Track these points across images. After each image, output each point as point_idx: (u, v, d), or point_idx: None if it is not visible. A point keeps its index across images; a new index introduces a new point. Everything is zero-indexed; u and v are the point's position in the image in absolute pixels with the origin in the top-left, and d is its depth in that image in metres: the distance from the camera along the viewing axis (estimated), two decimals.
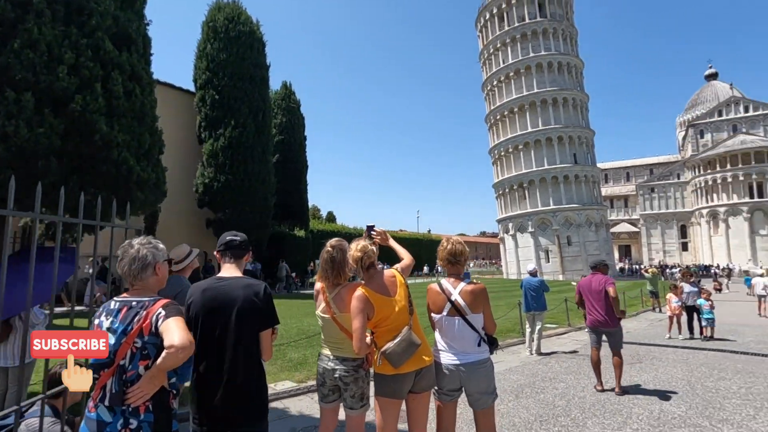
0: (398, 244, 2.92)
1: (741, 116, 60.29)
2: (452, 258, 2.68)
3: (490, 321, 2.61)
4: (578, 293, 5.50)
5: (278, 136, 24.98)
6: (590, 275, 5.44)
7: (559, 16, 45.72)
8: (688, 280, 9.73)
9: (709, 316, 8.81)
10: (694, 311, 9.15)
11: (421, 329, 2.56)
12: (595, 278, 5.32)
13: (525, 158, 44.43)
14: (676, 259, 61.71)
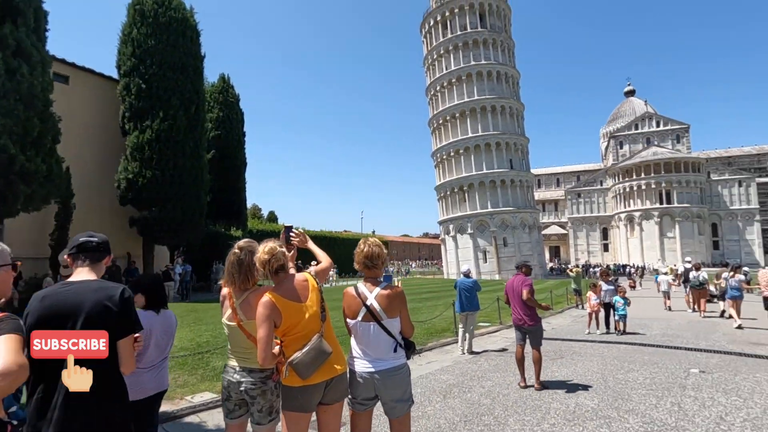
0: (317, 247, 2.75)
1: (653, 130, 67.12)
2: (368, 261, 2.55)
3: (407, 325, 2.52)
4: (506, 293, 5.70)
5: (214, 131, 23.71)
6: (514, 276, 5.64)
7: (498, 27, 47.97)
8: (606, 279, 10.36)
9: (622, 312, 9.50)
10: (611, 308, 9.88)
11: (335, 336, 2.42)
12: (516, 279, 5.56)
13: (465, 162, 46.05)
14: (599, 259, 67.25)
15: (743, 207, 61.77)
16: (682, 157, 60.78)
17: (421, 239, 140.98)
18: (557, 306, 14.71)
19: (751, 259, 58.67)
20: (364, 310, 2.44)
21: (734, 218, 62.07)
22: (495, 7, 47.80)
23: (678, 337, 9.03)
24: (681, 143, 65.41)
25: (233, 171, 24.31)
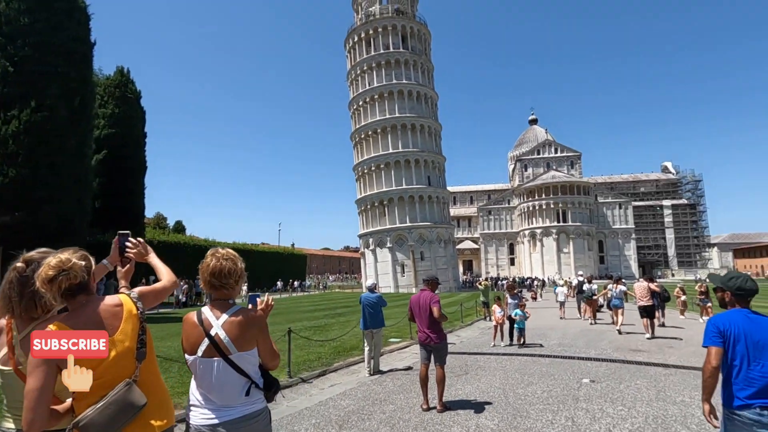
0: (160, 261, 2.12)
1: (552, 156, 74.75)
2: (215, 280, 1.96)
3: (268, 356, 2.00)
4: (410, 309, 5.40)
5: (108, 128, 21.01)
6: (420, 291, 5.39)
7: (419, 50, 50.07)
8: (512, 293, 10.61)
9: (520, 326, 9.87)
10: (513, 320, 10.24)
11: (163, 383, 1.82)
12: (423, 295, 5.29)
13: (386, 177, 46.76)
14: (507, 272, 72.32)
15: (623, 227, 71.09)
16: (575, 181, 68.36)
17: (342, 252, 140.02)
18: (467, 318, 15.10)
19: (629, 272, 67.45)
20: (206, 343, 1.87)
21: (616, 236, 71.08)
22: (416, 30, 49.91)
23: (572, 346, 9.60)
24: (574, 168, 73.66)
25: (130, 174, 21.67)
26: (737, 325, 2.45)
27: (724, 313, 2.59)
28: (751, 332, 2.41)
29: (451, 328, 12.91)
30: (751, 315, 2.50)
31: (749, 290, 2.55)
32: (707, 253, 78.92)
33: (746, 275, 2.65)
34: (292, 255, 50.66)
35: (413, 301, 5.33)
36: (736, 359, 2.41)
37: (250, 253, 40.90)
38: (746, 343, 2.40)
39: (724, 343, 2.44)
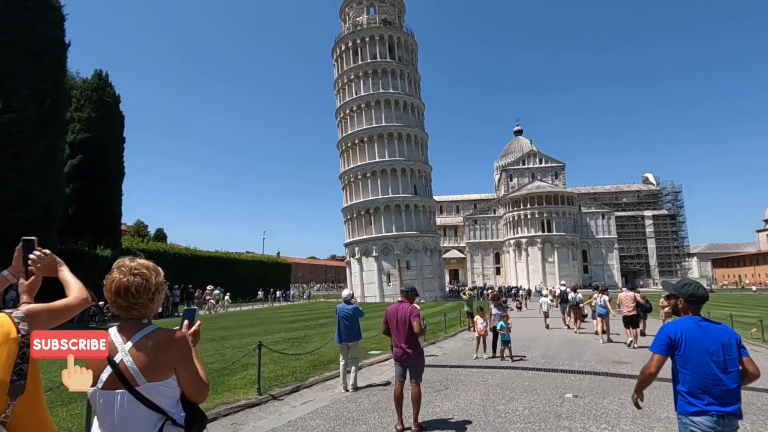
0: (72, 275, 1.78)
1: (537, 166, 75.70)
2: (122, 300, 1.63)
3: (192, 387, 1.67)
4: (385, 322, 5.07)
5: (84, 133, 20.36)
6: (398, 302, 5.08)
7: (406, 60, 50.38)
8: (497, 304, 10.08)
9: (505, 339, 9.31)
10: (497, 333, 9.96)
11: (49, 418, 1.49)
12: (402, 307, 4.96)
13: (372, 186, 46.57)
14: (492, 281, 72.51)
15: (606, 236, 72.11)
16: (559, 191, 69.23)
17: (328, 261, 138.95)
18: (450, 329, 14.81)
19: (612, 281, 68.27)
20: (108, 371, 1.54)
21: (599, 246, 72.02)
22: (403, 41, 50.26)
23: (555, 358, 9.39)
24: (558, 179, 74.66)
25: (106, 180, 20.99)
26: (689, 333, 2.49)
27: (676, 321, 2.62)
28: (703, 340, 2.46)
29: (433, 339, 12.62)
30: (702, 323, 2.53)
31: (701, 297, 2.59)
32: (687, 262, 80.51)
33: (698, 283, 2.70)
34: (277, 264, 49.85)
35: (390, 313, 5.01)
36: (688, 366, 2.46)
37: (232, 262, 40.11)
38: (698, 350, 2.45)
39: (672, 351, 2.51)
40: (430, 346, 11.52)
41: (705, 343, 2.44)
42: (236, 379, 6.78)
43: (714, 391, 2.38)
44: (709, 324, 2.54)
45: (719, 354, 2.42)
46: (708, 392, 2.39)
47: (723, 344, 2.45)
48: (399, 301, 5.08)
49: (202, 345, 10.41)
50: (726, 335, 2.49)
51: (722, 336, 2.48)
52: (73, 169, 19.86)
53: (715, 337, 2.46)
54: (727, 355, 2.43)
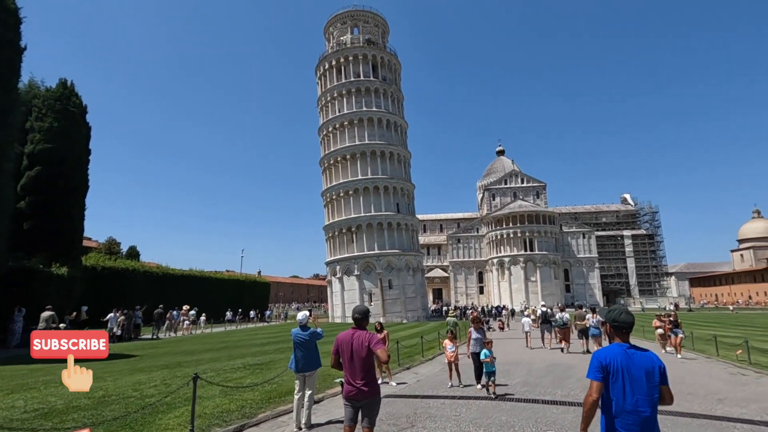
0: None
1: (519, 186, 76.49)
2: None
3: None
4: (335, 353, 4.20)
5: (43, 143, 19.28)
6: (352, 329, 4.22)
7: (390, 79, 50.71)
8: (477, 326, 9.05)
9: (489, 369, 8.04)
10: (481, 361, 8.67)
11: None
12: (358, 335, 4.07)
13: (354, 203, 45.98)
14: (476, 300, 71.94)
15: (587, 255, 72.67)
16: (541, 211, 69.82)
17: (311, 281, 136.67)
18: (428, 352, 14.02)
19: (593, 300, 68.45)
20: None
21: (581, 265, 72.45)
22: (387, 60, 50.69)
23: (537, 386, 8.71)
24: (540, 198, 75.48)
25: (67, 194, 19.80)
26: (616, 360, 2.57)
27: (605, 348, 2.70)
28: (628, 367, 2.55)
29: (409, 363, 11.82)
30: (629, 350, 2.62)
31: (622, 323, 2.67)
32: (665, 281, 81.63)
33: (622, 308, 2.79)
34: (255, 283, 48.28)
35: (342, 342, 4.15)
36: (614, 393, 2.54)
37: (206, 281, 38.61)
38: (623, 377, 2.53)
39: (604, 378, 2.56)
40: (403, 372, 10.72)
41: (630, 370, 2.53)
42: (171, 418, 5.87)
43: (633, 419, 2.49)
44: (636, 351, 2.63)
45: (642, 381, 2.52)
46: (630, 419, 2.49)
47: (647, 372, 2.54)
48: (353, 328, 4.20)
49: (150, 373, 9.40)
50: (650, 363, 2.58)
51: (646, 363, 2.57)
52: (31, 181, 18.69)
53: (640, 364, 2.56)
54: (650, 383, 2.53)
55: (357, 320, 4.19)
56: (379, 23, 52.91)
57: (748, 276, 73.89)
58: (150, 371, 9.75)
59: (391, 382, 9.21)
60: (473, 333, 8.98)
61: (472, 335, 8.96)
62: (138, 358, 12.13)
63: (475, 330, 9.00)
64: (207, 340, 20.19)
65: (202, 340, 20.38)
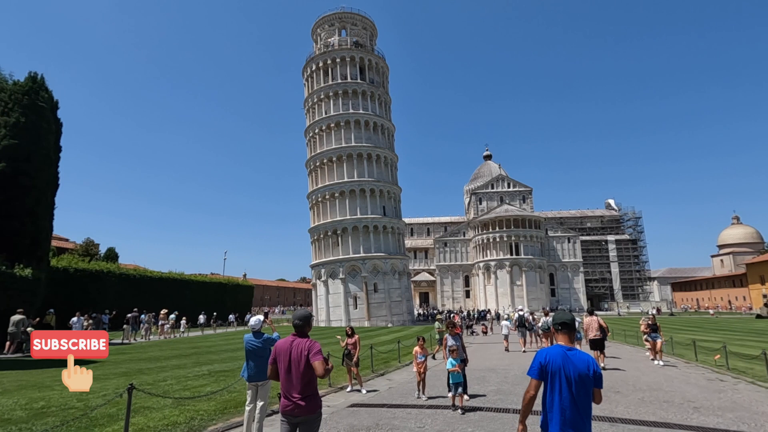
0: None
1: (505, 190, 76.86)
2: None
3: None
4: (272, 362, 3.74)
5: (8, 139, 18.43)
6: (292, 337, 3.75)
7: (377, 82, 50.52)
8: (453, 332, 8.18)
9: (455, 380, 7.16)
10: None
11: None
12: (297, 344, 3.63)
13: (340, 206, 45.55)
14: (462, 304, 71.88)
15: (572, 260, 73.24)
16: (527, 215, 70.19)
17: (297, 284, 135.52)
18: (406, 357, 13.63)
19: (578, 305, 68.94)
20: None
21: (566, 269, 72.98)
22: (374, 63, 50.51)
23: (511, 394, 8.38)
24: (526, 203, 75.94)
25: (33, 192, 18.95)
26: (555, 361, 2.73)
27: (547, 348, 2.87)
28: (566, 367, 2.70)
29: (384, 369, 11.42)
30: (569, 352, 2.76)
31: (561, 322, 2.91)
32: (648, 286, 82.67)
33: (565, 313, 2.98)
34: (238, 286, 47.31)
35: (280, 350, 3.72)
36: (550, 391, 2.71)
37: (186, 284, 37.63)
38: (560, 377, 2.68)
39: (542, 376, 2.74)
40: (377, 378, 10.32)
41: (566, 371, 2.68)
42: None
43: (567, 417, 2.64)
44: (576, 353, 2.77)
45: (577, 383, 2.66)
46: (563, 417, 2.64)
47: (582, 374, 2.68)
48: (292, 335, 3.75)
49: (104, 382, 8.82)
50: (586, 366, 2.71)
51: (582, 366, 2.70)
52: None
53: (576, 367, 2.70)
54: (584, 385, 2.68)
55: (297, 327, 3.76)
56: (367, 26, 52.74)
57: (728, 281, 75.26)
58: (105, 379, 9.18)
59: (362, 390, 8.81)
60: (449, 339, 8.20)
61: (448, 342, 8.17)
62: (98, 365, 11.50)
63: (451, 336, 8.20)
64: (179, 345, 19.50)
65: (174, 345, 19.68)
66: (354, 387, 8.93)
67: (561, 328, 2.91)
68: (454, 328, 8.44)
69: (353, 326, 40.37)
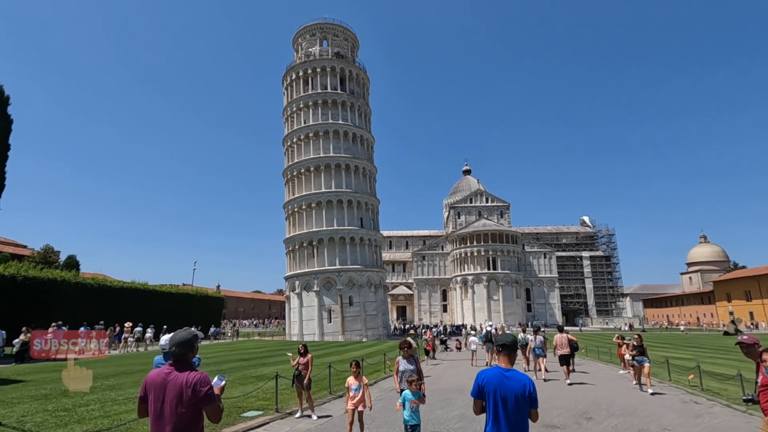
0: None
1: (483, 205, 77.37)
2: None
3: None
4: (141, 399, 2.73)
5: None
6: (167, 367, 2.74)
7: (358, 93, 50.27)
8: (406, 355, 6.39)
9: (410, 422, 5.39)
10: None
11: None
12: (173, 377, 2.64)
13: (317, 217, 44.61)
14: (440, 318, 71.26)
15: (548, 275, 73.85)
16: (504, 230, 70.62)
17: (273, 296, 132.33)
18: (371, 376, 12.80)
19: (553, 320, 69.26)
20: None
21: (542, 284, 73.47)
22: (355, 74, 50.35)
23: (474, 421, 7.67)
24: (504, 218, 76.52)
25: None
26: (490, 382, 2.92)
27: (485, 369, 3.09)
28: (500, 388, 2.87)
29: (342, 390, 10.54)
30: (507, 372, 2.93)
31: (500, 344, 3.08)
32: (621, 302, 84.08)
33: (507, 335, 3.18)
34: (207, 297, 45.36)
35: (151, 384, 2.70)
36: (488, 410, 2.93)
37: (150, 295, 35.73)
38: (494, 397, 2.87)
39: (480, 396, 2.96)
40: (334, 401, 9.46)
41: (501, 392, 2.85)
42: None
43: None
44: (513, 374, 2.91)
45: (512, 403, 2.82)
46: None
47: (517, 395, 2.83)
48: (170, 363, 2.76)
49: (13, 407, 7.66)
50: (522, 387, 2.85)
51: (518, 387, 2.85)
52: None
53: (512, 388, 2.86)
54: (519, 405, 2.83)
55: (176, 354, 2.74)
56: (348, 37, 52.69)
57: (696, 298, 77.21)
58: (17, 403, 8.01)
59: (313, 416, 7.95)
60: (401, 363, 6.34)
61: (400, 366, 6.34)
62: (20, 385, 10.24)
63: (404, 359, 6.33)
64: (130, 360, 18.03)
65: (130, 360, 18.20)
66: (304, 412, 8.05)
67: (501, 349, 3.03)
68: (409, 348, 6.43)
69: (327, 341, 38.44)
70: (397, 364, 6.46)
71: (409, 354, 6.38)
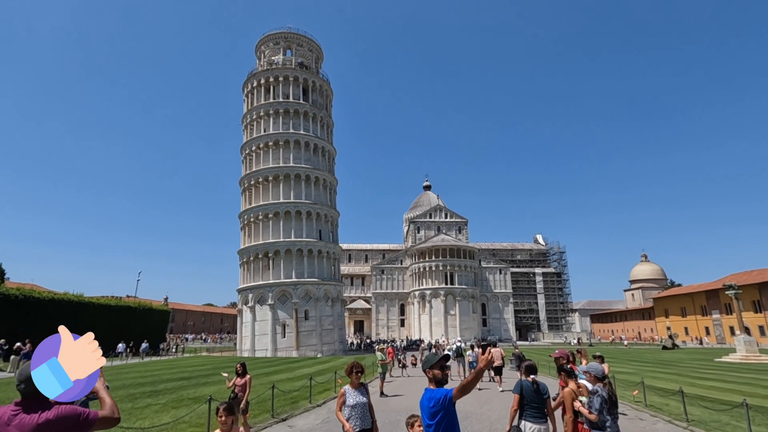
0: None
1: (443, 220, 78.57)
2: None
3: None
4: None
5: None
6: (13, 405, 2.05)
7: (320, 104, 49.86)
8: (355, 383, 5.02)
9: None
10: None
11: None
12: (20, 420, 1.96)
13: (274, 228, 43.30)
14: (397, 333, 70.89)
15: (503, 291, 75.72)
16: (462, 245, 71.89)
17: (226, 309, 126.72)
18: (320, 396, 12.17)
19: (507, 335, 70.84)
20: None
21: (497, 300, 75.15)
22: (318, 85, 50.00)
23: None
24: (462, 233, 77.99)
25: None
26: (422, 400, 3.23)
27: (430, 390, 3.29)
28: (424, 407, 3.17)
29: (289, 412, 9.90)
30: (431, 392, 3.16)
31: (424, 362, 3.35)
32: (570, 317, 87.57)
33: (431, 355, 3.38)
34: (150, 310, 42.52)
35: None
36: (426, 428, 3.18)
37: (85, 308, 32.95)
38: (424, 415, 3.16)
39: None
40: (276, 425, 8.81)
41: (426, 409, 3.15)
42: None
43: None
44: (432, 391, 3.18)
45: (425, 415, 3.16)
46: None
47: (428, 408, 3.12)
48: (16, 403, 2.04)
49: None
50: (426, 401, 3.16)
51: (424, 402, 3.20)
52: None
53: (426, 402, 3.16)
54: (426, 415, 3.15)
55: (24, 392, 2.06)
56: (313, 48, 52.45)
57: (638, 314, 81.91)
58: None
59: None
60: (349, 395, 4.84)
61: (348, 398, 4.81)
62: None
63: (353, 389, 4.92)
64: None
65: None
66: None
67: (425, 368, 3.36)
68: (360, 373, 5.04)
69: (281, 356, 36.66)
70: (342, 396, 4.83)
71: (358, 384, 4.95)
